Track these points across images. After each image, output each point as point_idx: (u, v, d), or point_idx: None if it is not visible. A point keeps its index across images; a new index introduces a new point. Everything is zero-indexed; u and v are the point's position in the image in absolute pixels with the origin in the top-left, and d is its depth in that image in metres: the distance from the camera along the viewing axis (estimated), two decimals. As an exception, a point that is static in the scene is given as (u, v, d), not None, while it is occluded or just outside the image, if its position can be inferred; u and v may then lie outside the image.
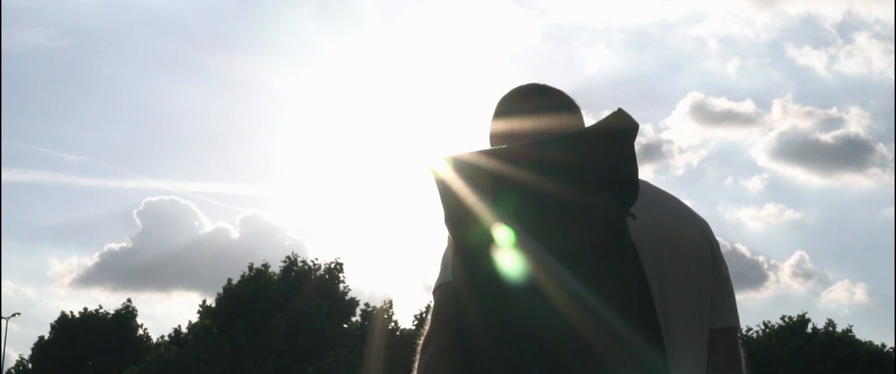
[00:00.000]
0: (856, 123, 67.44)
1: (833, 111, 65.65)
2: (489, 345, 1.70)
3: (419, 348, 2.05)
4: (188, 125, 74.37)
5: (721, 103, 63.38)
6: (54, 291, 66.16)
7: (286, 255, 43.20)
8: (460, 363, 1.74)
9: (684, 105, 71.23)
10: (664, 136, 63.36)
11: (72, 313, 51.01)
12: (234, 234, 59.56)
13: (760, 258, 58.85)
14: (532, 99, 2.16)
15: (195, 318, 42.39)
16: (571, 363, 1.68)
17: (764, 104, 79.78)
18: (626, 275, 1.69)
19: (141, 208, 61.17)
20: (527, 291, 1.69)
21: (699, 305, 2.06)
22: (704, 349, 2.08)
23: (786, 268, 59.54)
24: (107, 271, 61.40)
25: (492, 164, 1.74)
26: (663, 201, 2.12)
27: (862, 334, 57.90)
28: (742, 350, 2.16)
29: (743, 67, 70.04)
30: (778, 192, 68.44)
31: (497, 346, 1.70)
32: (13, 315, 47.00)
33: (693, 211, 2.16)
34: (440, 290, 2.03)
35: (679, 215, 2.11)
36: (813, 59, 69.07)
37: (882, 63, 66.82)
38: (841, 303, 61.61)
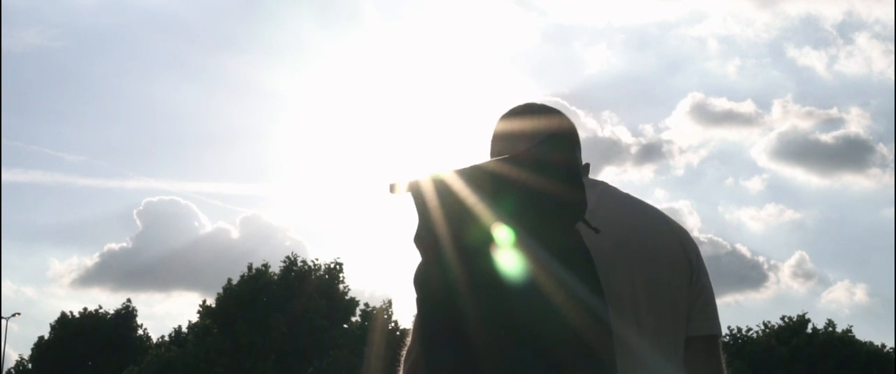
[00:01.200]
0: (856, 123, 67.57)
1: (833, 111, 65.78)
2: (487, 344, 1.71)
3: (402, 357, 2.14)
4: (188, 125, 74.52)
5: (721, 103, 63.45)
6: (54, 291, 66.24)
7: (286, 255, 43.27)
8: (447, 363, 1.75)
9: (684, 105, 71.42)
10: (664, 136, 63.48)
11: (72, 313, 51.06)
12: (234, 234, 59.61)
13: (760, 259, 58.91)
14: (526, 107, 2.27)
15: (195, 318, 42.40)
16: (570, 362, 1.69)
17: (764, 104, 79.91)
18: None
19: (141, 208, 61.19)
20: (525, 290, 1.71)
21: (672, 314, 2.11)
22: (680, 357, 2.12)
23: (786, 268, 59.59)
24: (107, 271, 61.48)
25: (485, 169, 1.79)
26: (638, 213, 2.17)
27: (862, 334, 58.03)
28: (723, 357, 2.19)
29: (743, 67, 70.17)
30: (778, 192, 68.55)
31: (496, 345, 1.71)
32: (13, 315, 46.96)
33: (670, 221, 2.21)
34: None
35: (653, 227, 2.15)
36: (813, 60, 69.17)
37: (882, 63, 66.89)
38: (841, 303, 61.71)
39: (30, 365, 50.88)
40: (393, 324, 42.72)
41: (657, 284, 2.09)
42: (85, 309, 50.99)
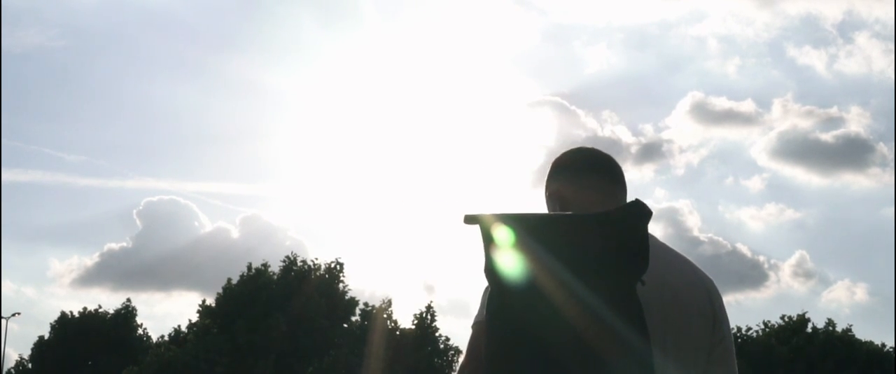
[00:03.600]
0: (856, 122, 67.60)
1: (833, 111, 65.66)
2: (497, 350, 1.75)
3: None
4: (188, 125, 74.48)
5: (721, 103, 63.36)
6: (54, 291, 66.19)
7: (286, 255, 43.24)
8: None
9: (684, 105, 71.19)
10: (664, 135, 63.45)
11: (72, 313, 51.06)
12: (234, 234, 59.60)
13: (761, 258, 58.82)
14: (589, 175, 2.40)
15: (195, 318, 42.42)
16: (577, 368, 1.72)
17: (764, 104, 79.88)
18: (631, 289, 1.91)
19: (141, 208, 61.09)
20: (533, 296, 1.75)
21: (695, 357, 2.33)
22: None
23: (786, 268, 59.48)
24: (107, 271, 61.37)
25: (561, 219, 1.96)
26: (672, 262, 2.37)
27: (862, 333, 57.76)
28: None
29: (743, 66, 70.18)
30: (778, 192, 68.51)
31: (505, 351, 1.75)
32: (13, 315, 46.99)
33: (700, 271, 2.42)
34: (475, 327, 2.25)
35: (685, 277, 2.36)
36: (813, 59, 69.18)
37: (882, 63, 66.94)
38: (841, 303, 61.71)
39: (30, 365, 50.89)
40: (393, 324, 42.73)
41: (686, 328, 2.30)
42: (85, 309, 51.01)
